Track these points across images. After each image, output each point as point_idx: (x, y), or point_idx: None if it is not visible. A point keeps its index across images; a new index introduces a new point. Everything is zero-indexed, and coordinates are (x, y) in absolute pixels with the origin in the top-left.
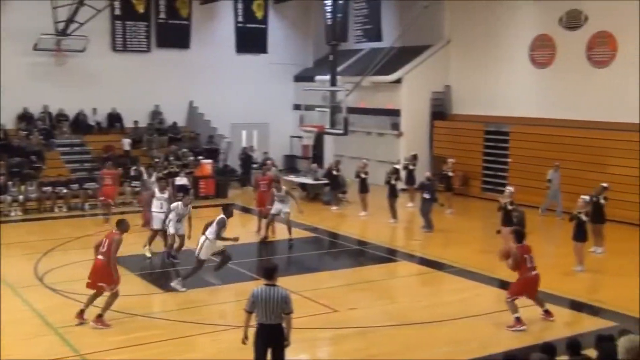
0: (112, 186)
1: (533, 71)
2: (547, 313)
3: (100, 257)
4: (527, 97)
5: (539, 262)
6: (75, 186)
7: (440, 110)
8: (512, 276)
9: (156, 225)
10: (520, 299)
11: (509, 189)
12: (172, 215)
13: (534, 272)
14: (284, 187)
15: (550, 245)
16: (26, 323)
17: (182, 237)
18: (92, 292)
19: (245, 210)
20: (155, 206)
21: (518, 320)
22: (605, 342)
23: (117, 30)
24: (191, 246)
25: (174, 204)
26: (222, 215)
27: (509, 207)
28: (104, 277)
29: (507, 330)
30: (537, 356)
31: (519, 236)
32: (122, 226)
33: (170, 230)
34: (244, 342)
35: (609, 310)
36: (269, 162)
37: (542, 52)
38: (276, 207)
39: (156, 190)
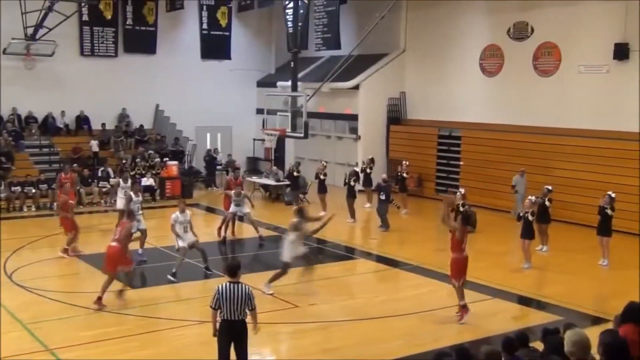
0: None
1: (483, 79)
2: (464, 309)
3: (114, 243)
4: (477, 104)
5: (488, 260)
6: (43, 186)
7: (395, 116)
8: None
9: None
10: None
11: (461, 190)
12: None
13: (464, 254)
14: (242, 191)
15: (498, 244)
16: None
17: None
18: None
19: (210, 210)
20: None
21: (464, 307)
22: (551, 335)
23: (85, 36)
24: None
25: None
26: (295, 219)
27: (461, 208)
28: (121, 261)
29: (459, 322)
30: (487, 348)
31: (465, 219)
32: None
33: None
34: (215, 336)
35: (555, 305)
36: (237, 163)
37: (492, 61)
38: (233, 208)
39: (132, 194)
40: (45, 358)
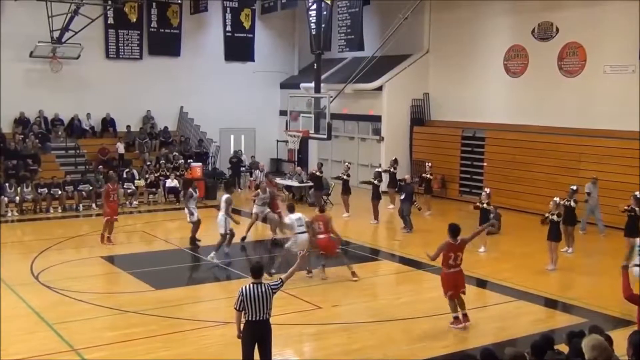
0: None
1: (507, 80)
2: (458, 320)
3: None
4: (501, 104)
5: (513, 262)
6: (69, 188)
7: (419, 117)
8: (487, 275)
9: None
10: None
11: (486, 190)
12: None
13: (452, 270)
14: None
15: (523, 245)
16: (22, 319)
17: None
18: None
19: (235, 211)
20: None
21: (455, 319)
22: (576, 338)
23: (110, 39)
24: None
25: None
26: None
27: (487, 208)
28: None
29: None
30: (511, 351)
31: (453, 232)
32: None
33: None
34: (239, 337)
35: (580, 307)
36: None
37: (516, 61)
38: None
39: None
40: (71, 358)
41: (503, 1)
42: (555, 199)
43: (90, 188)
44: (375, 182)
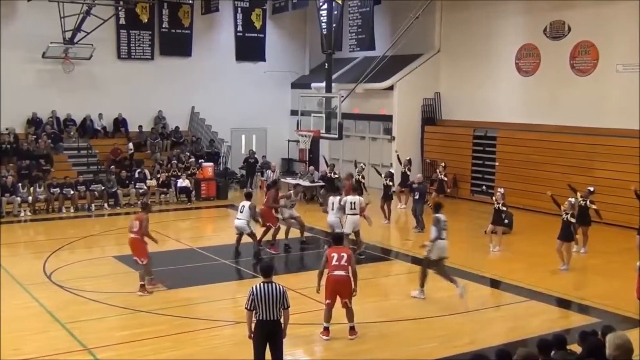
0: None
1: (519, 79)
2: (352, 330)
3: (133, 235)
4: (513, 104)
5: (525, 261)
6: (82, 188)
7: (430, 116)
8: (500, 275)
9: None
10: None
11: (500, 190)
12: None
13: (335, 273)
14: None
15: (535, 245)
16: (35, 319)
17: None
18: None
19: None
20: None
21: (325, 329)
22: (589, 338)
23: (122, 39)
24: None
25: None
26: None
27: (501, 208)
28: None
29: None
30: (523, 351)
31: (336, 240)
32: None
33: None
34: (250, 337)
35: (593, 307)
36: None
37: (528, 60)
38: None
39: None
40: (83, 357)
41: (514, 0)
42: (570, 199)
43: (102, 188)
44: (387, 182)
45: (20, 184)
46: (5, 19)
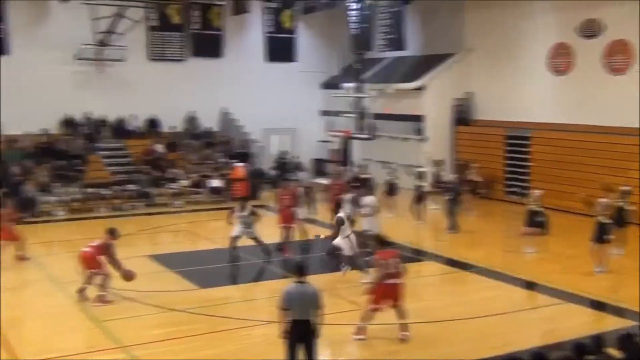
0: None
1: (552, 78)
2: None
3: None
4: (546, 103)
5: (561, 263)
6: (116, 188)
7: (462, 116)
8: (535, 276)
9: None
10: None
11: (536, 192)
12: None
13: (391, 281)
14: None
15: (571, 247)
16: (70, 317)
17: None
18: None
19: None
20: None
21: (359, 329)
22: (631, 341)
23: (153, 41)
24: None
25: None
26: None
27: (537, 209)
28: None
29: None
30: (559, 354)
31: (380, 241)
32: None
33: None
34: (283, 337)
35: (629, 310)
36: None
37: (560, 59)
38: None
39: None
40: (119, 355)
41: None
42: (602, 199)
43: (136, 188)
44: (419, 182)
45: (55, 184)
46: (39, 21)
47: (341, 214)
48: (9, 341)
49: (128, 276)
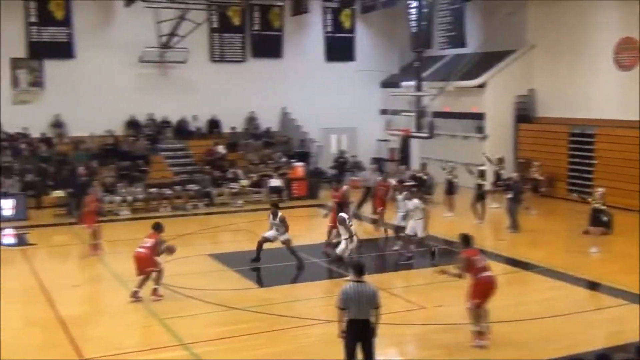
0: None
1: (617, 74)
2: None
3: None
4: (611, 100)
5: (625, 263)
6: (178, 188)
7: (524, 114)
8: (598, 277)
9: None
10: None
11: (600, 190)
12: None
13: (486, 274)
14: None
15: (636, 246)
16: (134, 314)
17: None
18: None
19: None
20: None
21: (478, 334)
22: None
23: (214, 42)
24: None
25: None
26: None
27: (600, 207)
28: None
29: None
30: (623, 356)
31: (465, 241)
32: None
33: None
34: (341, 337)
35: None
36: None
37: (626, 54)
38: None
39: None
40: (179, 352)
41: None
42: None
43: (197, 188)
44: (480, 181)
45: (120, 184)
46: (104, 25)
47: (343, 214)
48: (74, 338)
49: (170, 251)
